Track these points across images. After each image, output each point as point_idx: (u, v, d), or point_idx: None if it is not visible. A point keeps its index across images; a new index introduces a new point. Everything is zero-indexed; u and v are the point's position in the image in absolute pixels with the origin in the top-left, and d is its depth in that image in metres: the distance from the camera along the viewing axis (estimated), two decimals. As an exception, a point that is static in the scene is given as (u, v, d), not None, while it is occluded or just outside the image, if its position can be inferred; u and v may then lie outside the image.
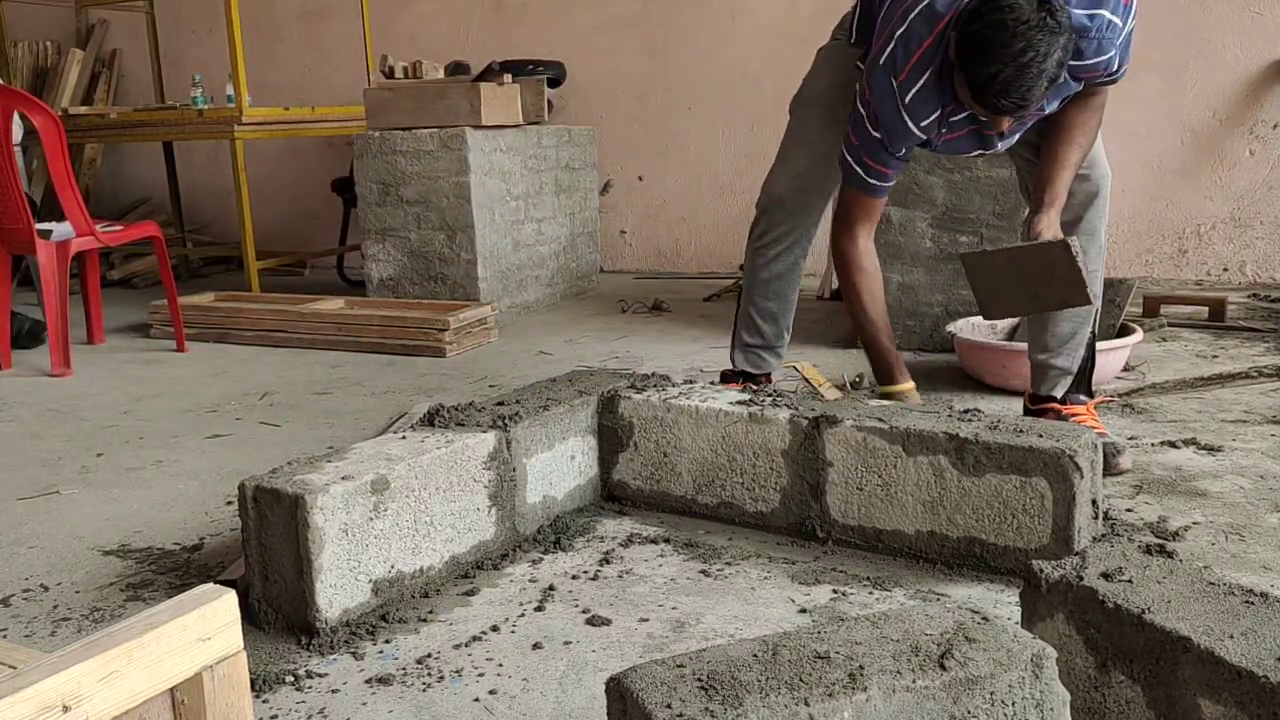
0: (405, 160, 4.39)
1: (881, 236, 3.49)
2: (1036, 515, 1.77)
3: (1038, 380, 2.50)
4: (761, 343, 2.71)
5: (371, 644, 1.68)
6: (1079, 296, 2.11)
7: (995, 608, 1.71)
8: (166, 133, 5.31)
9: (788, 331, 2.73)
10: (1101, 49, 2.08)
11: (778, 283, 2.64)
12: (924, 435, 1.86)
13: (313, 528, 1.65)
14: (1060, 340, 2.43)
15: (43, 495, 2.47)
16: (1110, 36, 2.07)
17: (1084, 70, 2.12)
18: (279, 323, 4.13)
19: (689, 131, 5.65)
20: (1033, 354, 2.50)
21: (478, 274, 4.36)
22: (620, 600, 1.81)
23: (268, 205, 6.38)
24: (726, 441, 2.09)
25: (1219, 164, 4.65)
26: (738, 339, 2.75)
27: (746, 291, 2.71)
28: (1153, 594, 1.21)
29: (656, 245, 5.77)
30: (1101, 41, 2.07)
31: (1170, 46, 4.62)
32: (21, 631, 1.78)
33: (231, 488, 2.27)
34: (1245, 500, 2.13)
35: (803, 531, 2.03)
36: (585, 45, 5.73)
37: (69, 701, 0.91)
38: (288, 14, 6.49)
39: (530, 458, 2.07)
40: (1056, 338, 2.43)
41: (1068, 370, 2.45)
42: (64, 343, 3.73)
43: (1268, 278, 4.63)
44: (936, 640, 1.07)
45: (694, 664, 1.04)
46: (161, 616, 1.01)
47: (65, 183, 3.68)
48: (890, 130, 2.19)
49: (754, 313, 2.68)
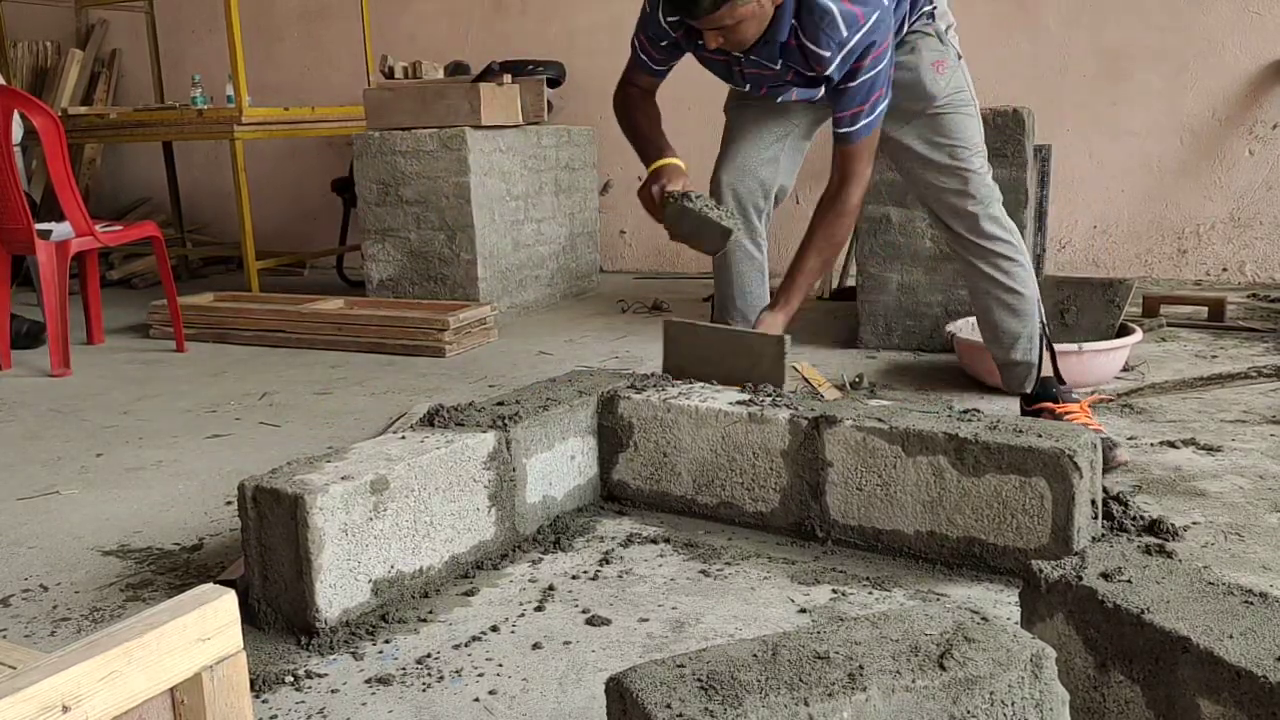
0: (405, 160, 4.39)
1: (881, 237, 3.50)
2: (1036, 515, 1.77)
3: (1004, 379, 2.61)
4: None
5: (371, 644, 1.68)
6: (778, 384, 2.22)
7: (995, 608, 1.71)
8: (166, 133, 5.31)
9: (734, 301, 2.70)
10: (818, 40, 2.14)
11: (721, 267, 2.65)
12: (924, 435, 1.86)
13: (312, 528, 1.65)
14: (1011, 337, 2.53)
15: (42, 495, 2.47)
16: (831, 34, 2.13)
17: (807, 55, 2.18)
18: (279, 323, 4.13)
19: (689, 132, 5.64)
20: (993, 355, 2.60)
21: (477, 274, 4.36)
22: (620, 600, 1.81)
23: (268, 205, 6.38)
24: (726, 442, 2.09)
25: (1218, 164, 4.65)
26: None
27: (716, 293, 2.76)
28: (1152, 594, 1.21)
29: (656, 245, 5.77)
30: (819, 32, 2.13)
31: (1170, 46, 4.62)
32: (21, 631, 1.78)
33: (231, 488, 2.27)
34: (1244, 500, 2.13)
35: (802, 531, 2.03)
36: (585, 45, 5.72)
37: (69, 701, 0.91)
38: (288, 14, 6.49)
39: (530, 458, 2.07)
40: (1008, 334, 2.53)
41: (1028, 363, 2.54)
42: (64, 343, 3.73)
43: (1267, 278, 4.63)
44: (936, 640, 1.07)
45: (694, 664, 1.04)
46: (161, 616, 1.01)
47: (65, 183, 3.68)
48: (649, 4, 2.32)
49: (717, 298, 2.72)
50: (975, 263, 2.49)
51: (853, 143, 2.28)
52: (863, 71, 2.18)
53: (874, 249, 3.52)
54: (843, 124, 2.27)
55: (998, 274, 2.47)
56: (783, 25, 2.16)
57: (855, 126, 2.26)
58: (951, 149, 2.43)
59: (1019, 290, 2.48)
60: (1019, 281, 2.48)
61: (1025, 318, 2.50)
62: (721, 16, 2.08)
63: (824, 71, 2.20)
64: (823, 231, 2.35)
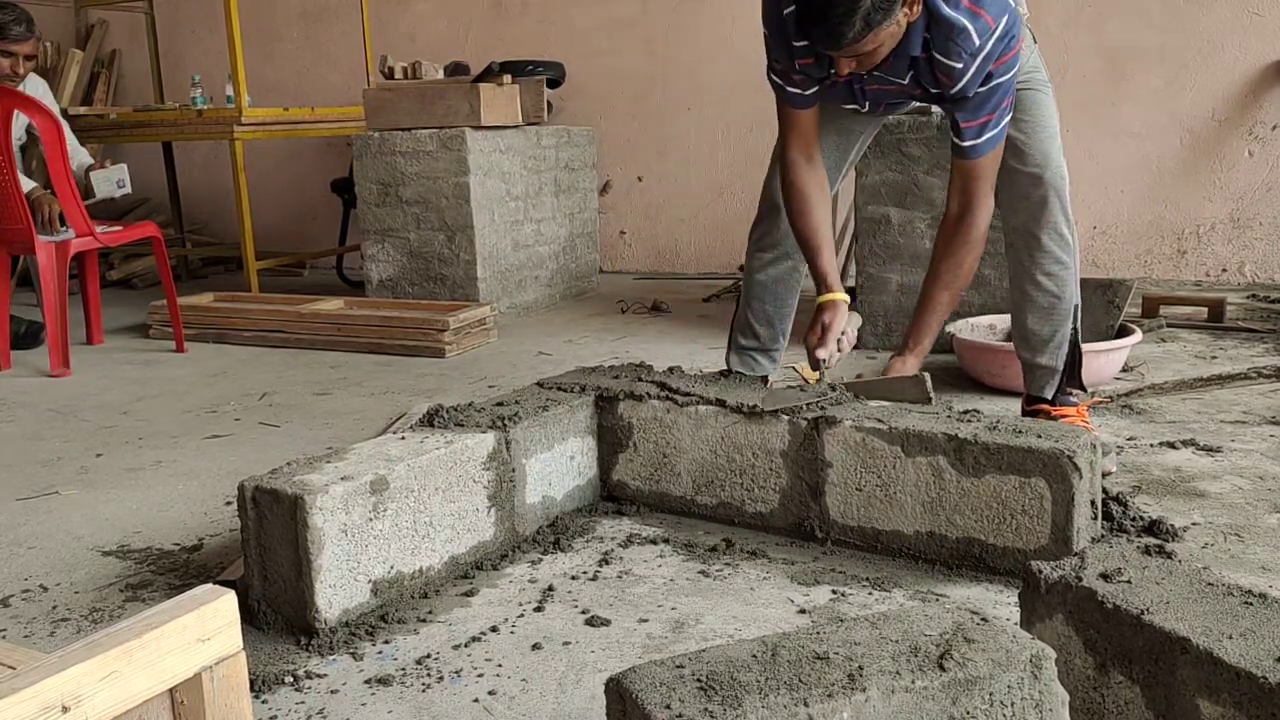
0: (405, 161, 4.39)
1: (881, 237, 3.50)
2: (1035, 516, 1.77)
3: (1028, 380, 2.54)
4: (756, 345, 2.70)
5: (371, 644, 1.68)
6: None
7: (994, 608, 1.71)
8: (166, 133, 5.31)
9: (784, 336, 2.72)
10: (949, 52, 2.04)
11: (775, 286, 2.64)
12: (923, 436, 1.86)
13: (312, 528, 1.65)
14: (1042, 340, 2.46)
15: (42, 495, 2.47)
16: (963, 45, 2.03)
17: (937, 69, 2.08)
18: (278, 323, 4.13)
19: (688, 132, 5.65)
20: (1019, 353, 2.54)
21: (477, 274, 4.36)
22: (619, 601, 1.81)
23: (267, 206, 6.38)
24: (726, 442, 2.09)
25: (1218, 165, 4.65)
26: (733, 341, 2.75)
27: (744, 293, 2.71)
28: (1151, 594, 1.21)
29: (656, 246, 5.77)
30: (950, 43, 2.03)
31: (1170, 47, 4.62)
32: (21, 632, 1.78)
33: (231, 488, 2.27)
34: (1244, 501, 2.13)
35: (802, 532, 2.03)
36: (585, 45, 5.73)
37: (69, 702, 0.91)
38: (288, 14, 6.49)
39: (529, 458, 2.07)
40: (1039, 337, 2.46)
41: (1053, 369, 2.47)
42: (63, 343, 3.73)
43: (1266, 278, 4.63)
44: (935, 641, 1.07)
45: (693, 664, 1.04)
46: (161, 617, 1.01)
47: (65, 183, 3.68)
48: (771, 29, 2.19)
49: (750, 315, 2.68)
50: (1023, 257, 2.38)
51: (977, 157, 2.14)
52: (996, 75, 2.07)
53: (874, 249, 3.52)
54: (967, 135, 2.13)
55: (1042, 275, 2.37)
56: (914, 39, 2.04)
57: (981, 139, 2.12)
58: (1029, 126, 2.31)
59: (1058, 294, 2.39)
60: (1060, 285, 2.39)
61: (1059, 322, 2.42)
62: (864, 44, 1.96)
63: (955, 84, 2.08)
64: (948, 264, 2.21)
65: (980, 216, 2.19)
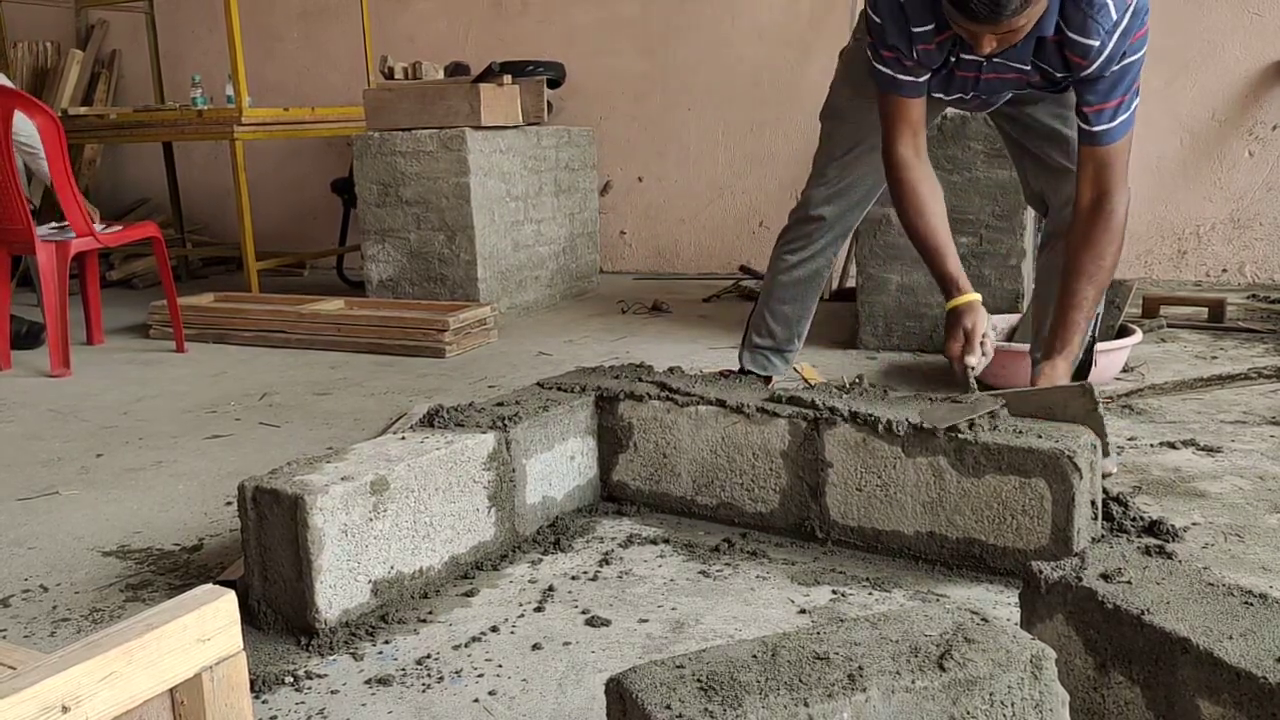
0: (405, 161, 4.39)
1: (881, 237, 3.50)
2: (1036, 516, 1.77)
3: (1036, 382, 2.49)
4: (771, 345, 2.70)
5: (371, 645, 1.68)
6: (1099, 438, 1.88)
7: (994, 608, 1.71)
8: (166, 133, 5.31)
9: (799, 339, 2.71)
10: (1087, 29, 1.96)
11: (797, 287, 2.63)
12: (924, 436, 1.86)
13: (312, 528, 1.65)
14: None
15: (42, 496, 2.47)
16: (1101, 22, 1.96)
17: (1070, 49, 2.01)
18: (278, 323, 4.13)
19: (688, 132, 5.65)
20: (1033, 354, 2.50)
21: (477, 275, 4.36)
22: (620, 601, 1.81)
23: (267, 206, 6.38)
24: (726, 442, 2.09)
25: (1218, 165, 4.65)
26: (748, 339, 2.74)
27: (764, 292, 2.70)
28: (1152, 595, 1.21)
29: (656, 246, 5.77)
30: (1089, 20, 1.95)
31: (1170, 47, 4.62)
32: (21, 632, 1.78)
33: (231, 488, 2.27)
34: (1244, 501, 2.13)
35: (802, 532, 2.03)
36: (585, 45, 5.73)
37: (69, 702, 0.91)
38: (288, 14, 6.50)
39: (530, 458, 2.07)
40: None
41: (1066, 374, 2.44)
42: (63, 343, 3.73)
43: (1267, 279, 4.63)
44: (936, 641, 1.07)
45: (693, 665, 1.04)
46: (161, 617, 1.01)
47: (65, 183, 3.68)
48: (885, 15, 2.09)
49: (768, 314, 2.67)
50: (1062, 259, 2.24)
51: (1110, 142, 2.03)
52: (1130, 52, 1.97)
53: (874, 250, 3.52)
54: (1100, 119, 2.01)
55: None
56: (1049, 20, 1.95)
57: (1114, 123, 2.01)
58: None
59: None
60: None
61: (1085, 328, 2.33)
62: (1019, 19, 1.86)
63: (1090, 64, 1.97)
64: (1089, 255, 2.08)
65: (1118, 204, 2.07)
